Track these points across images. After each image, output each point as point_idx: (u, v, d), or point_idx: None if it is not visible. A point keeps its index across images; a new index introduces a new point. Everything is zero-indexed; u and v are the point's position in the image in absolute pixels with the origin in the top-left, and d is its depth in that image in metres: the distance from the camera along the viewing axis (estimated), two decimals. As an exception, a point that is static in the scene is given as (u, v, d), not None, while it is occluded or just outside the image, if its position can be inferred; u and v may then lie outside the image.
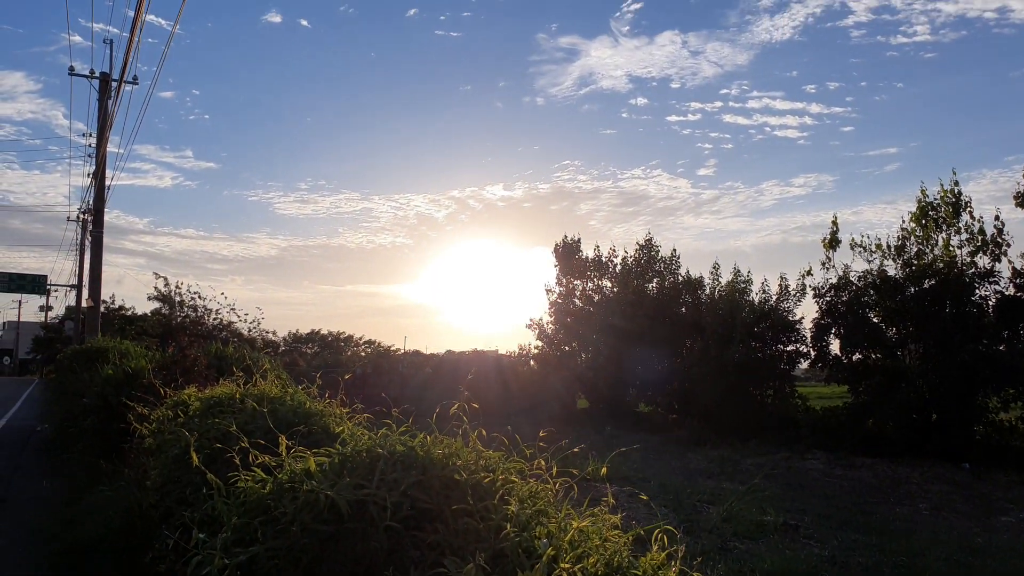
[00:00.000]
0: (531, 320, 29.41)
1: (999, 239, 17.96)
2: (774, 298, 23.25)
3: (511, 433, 3.87)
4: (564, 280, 28.93)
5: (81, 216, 43.31)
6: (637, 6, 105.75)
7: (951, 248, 18.55)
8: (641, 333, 24.64)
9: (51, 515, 8.14)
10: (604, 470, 3.58)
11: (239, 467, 3.65)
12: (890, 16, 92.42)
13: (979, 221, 18.27)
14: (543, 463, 3.49)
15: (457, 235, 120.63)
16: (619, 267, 27.82)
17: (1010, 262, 17.90)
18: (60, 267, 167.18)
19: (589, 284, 28.56)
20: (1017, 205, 17.60)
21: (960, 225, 18.53)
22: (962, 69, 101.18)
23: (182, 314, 35.56)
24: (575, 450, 3.85)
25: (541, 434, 3.74)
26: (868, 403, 19.16)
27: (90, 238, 27.93)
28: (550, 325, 28.88)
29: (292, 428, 4.60)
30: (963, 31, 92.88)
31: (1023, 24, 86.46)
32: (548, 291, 29.16)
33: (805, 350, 22.14)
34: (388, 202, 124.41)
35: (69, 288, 56.90)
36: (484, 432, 3.68)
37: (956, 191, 18.69)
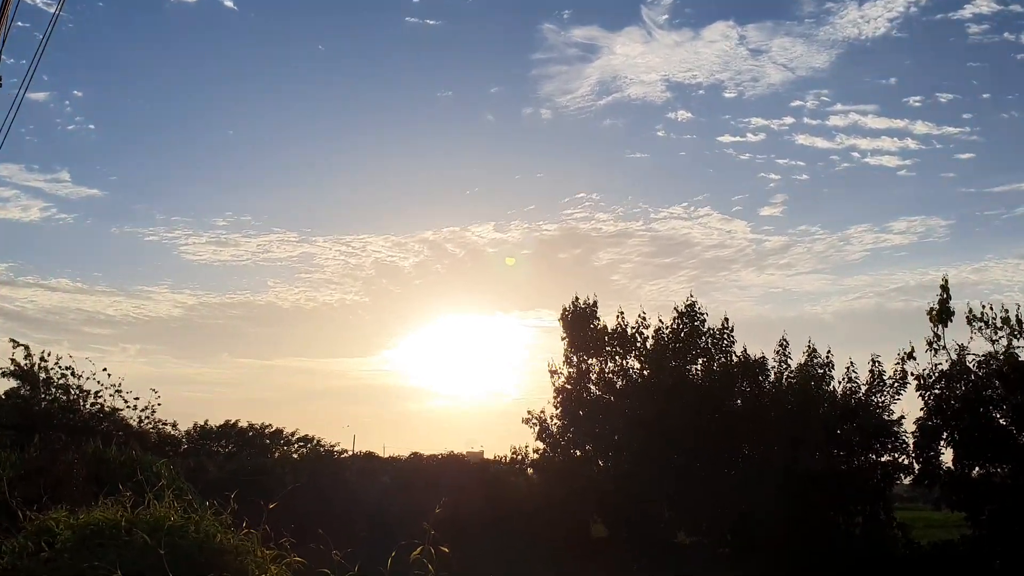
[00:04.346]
0: (529, 413, 29.32)
1: None
2: (863, 389, 23.36)
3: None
4: (575, 358, 28.85)
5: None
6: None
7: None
8: (681, 433, 24.58)
9: None
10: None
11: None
12: (1021, 7, 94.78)
13: None
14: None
15: (430, 291, 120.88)
16: (651, 342, 27.83)
17: None
18: None
19: (610, 364, 28.50)
20: None
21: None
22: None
23: (48, 397, 35.33)
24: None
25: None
26: (993, 535, 19.04)
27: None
28: (556, 420, 28.73)
29: (198, 573, 4.61)
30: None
31: None
32: (553, 373, 29.08)
33: (906, 461, 22.11)
34: (336, 245, 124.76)
35: None
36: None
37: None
